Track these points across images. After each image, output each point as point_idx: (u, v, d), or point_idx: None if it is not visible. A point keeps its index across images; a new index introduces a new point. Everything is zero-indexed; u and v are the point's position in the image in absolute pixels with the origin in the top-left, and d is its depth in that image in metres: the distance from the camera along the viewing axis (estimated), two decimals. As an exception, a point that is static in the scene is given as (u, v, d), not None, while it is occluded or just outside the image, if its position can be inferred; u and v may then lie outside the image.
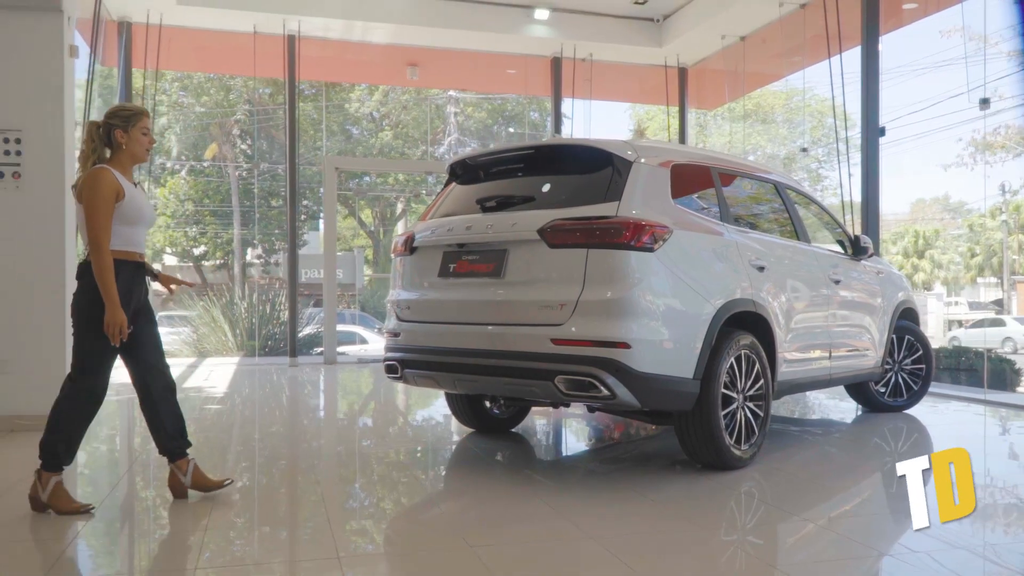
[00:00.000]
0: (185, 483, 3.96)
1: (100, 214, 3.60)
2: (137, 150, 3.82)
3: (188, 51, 11.85)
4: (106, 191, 3.62)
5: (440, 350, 4.57)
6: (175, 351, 14.32)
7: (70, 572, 3.14)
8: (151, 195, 24.64)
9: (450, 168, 5.12)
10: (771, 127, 25.75)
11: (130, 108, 3.87)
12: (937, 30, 23.15)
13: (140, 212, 3.77)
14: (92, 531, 3.57)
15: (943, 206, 35.98)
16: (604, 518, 3.70)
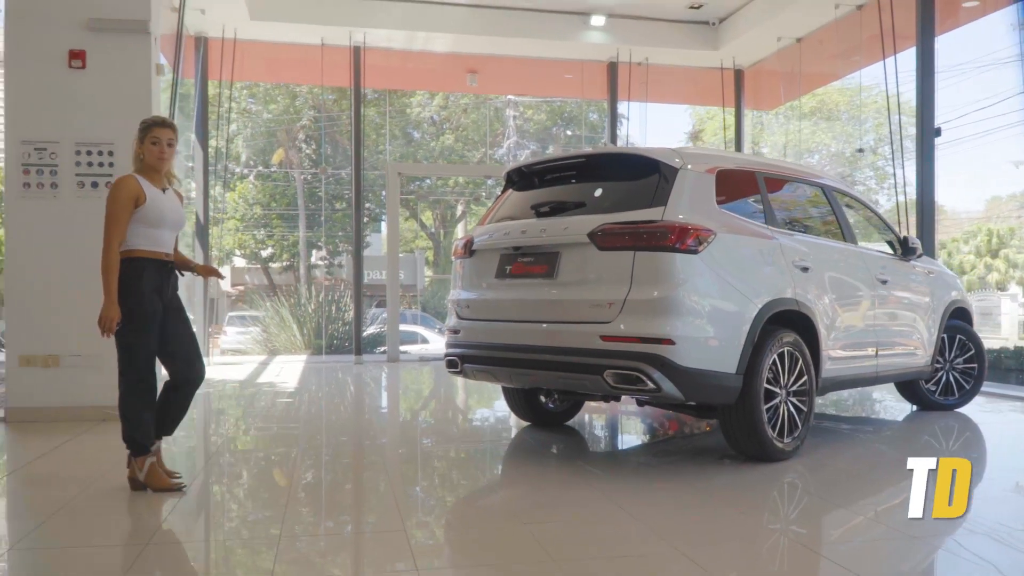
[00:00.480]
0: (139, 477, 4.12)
1: (110, 217, 3.94)
2: (149, 159, 4.10)
3: (260, 63, 12.45)
4: (123, 196, 3.95)
5: (497, 346, 4.90)
6: (247, 349, 14.99)
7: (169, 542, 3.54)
8: (220, 198, 25.66)
9: (507, 175, 5.44)
10: (836, 124, 25.45)
11: (145, 121, 4.19)
12: (1008, 23, 22.62)
13: (162, 216, 4.06)
14: (184, 507, 3.98)
15: (1020, 203, 34.90)
16: (651, 504, 3.97)
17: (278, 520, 3.69)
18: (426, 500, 4.26)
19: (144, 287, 3.99)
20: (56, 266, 6.17)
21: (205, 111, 11.24)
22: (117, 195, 3.97)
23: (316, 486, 4.43)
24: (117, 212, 3.94)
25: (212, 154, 11.87)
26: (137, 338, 3.99)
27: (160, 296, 4.07)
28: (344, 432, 6.11)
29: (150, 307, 4.00)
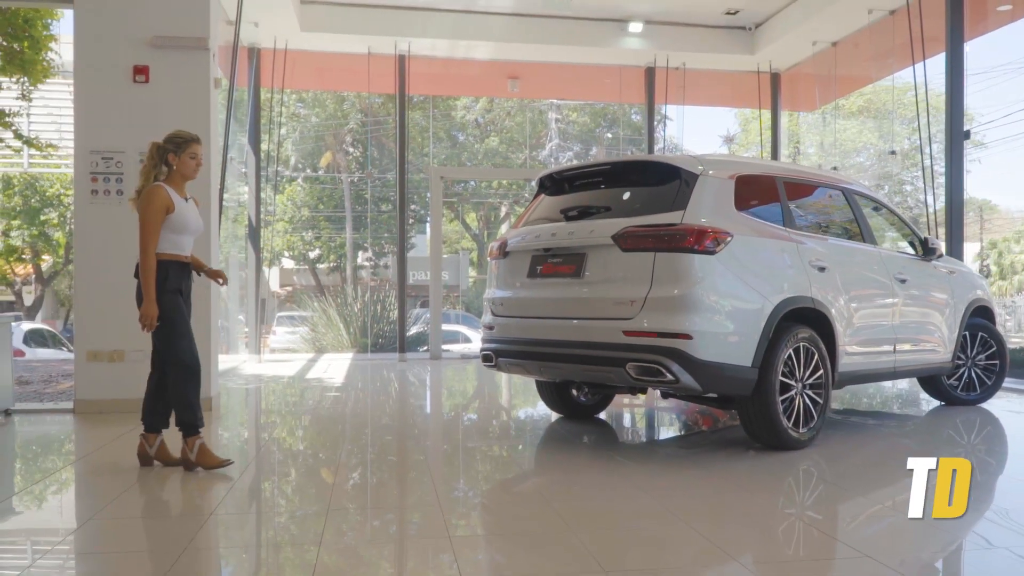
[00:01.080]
0: (150, 453, 4.69)
1: (149, 225, 4.40)
2: (186, 171, 4.59)
3: (309, 71, 12.99)
4: (157, 206, 4.40)
5: (529, 341, 5.24)
6: (295, 348, 15.55)
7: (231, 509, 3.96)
8: (270, 200, 26.39)
9: (539, 181, 5.79)
10: (884, 123, 25.26)
11: (183, 135, 4.58)
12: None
13: (186, 224, 4.54)
14: (237, 489, 4.40)
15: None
16: (670, 487, 4.27)
17: (325, 500, 4.08)
18: (462, 482, 4.62)
19: (169, 287, 4.48)
20: (121, 267, 6.64)
21: (257, 118, 11.80)
22: (151, 204, 4.40)
23: (365, 466, 4.82)
24: (152, 220, 4.39)
25: (263, 158, 12.42)
26: (173, 332, 4.48)
27: (181, 291, 4.56)
28: (388, 419, 6.51)
29: (176, 303, 4.51)
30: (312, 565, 3.02)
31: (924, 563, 3.25)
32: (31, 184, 23.02)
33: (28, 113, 12.28)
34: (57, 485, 4.58)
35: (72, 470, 4.95)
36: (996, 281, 32.28)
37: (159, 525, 3.72)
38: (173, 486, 4.37)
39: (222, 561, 3.30)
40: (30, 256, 25.18)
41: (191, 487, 4.33)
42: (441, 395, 8.75)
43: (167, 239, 4.48)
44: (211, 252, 6.78)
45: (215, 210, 6.95)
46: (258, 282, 11.51)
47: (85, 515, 3.86)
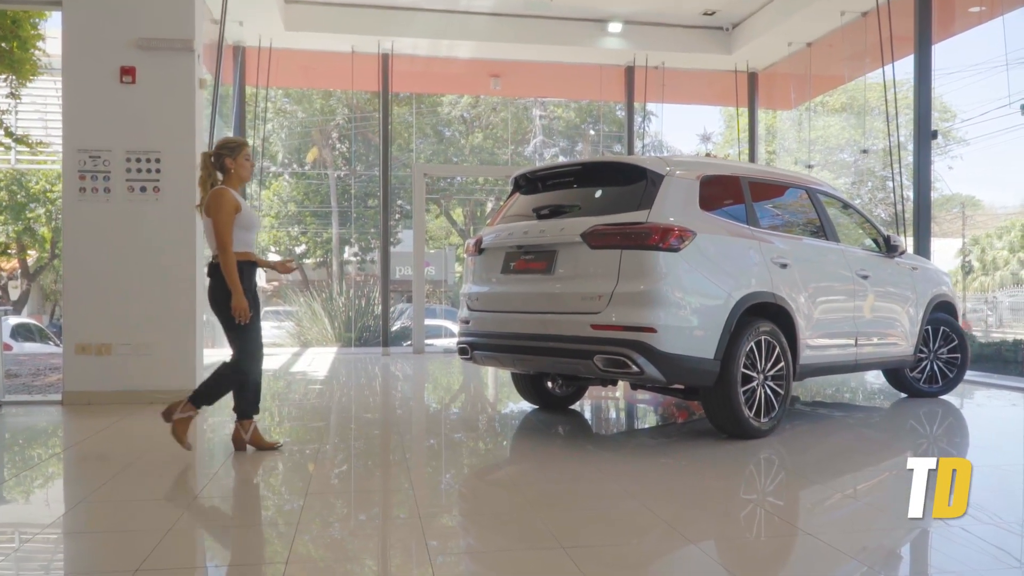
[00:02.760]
0: (245, 439, 4.96)
1: (225, 225, 4.67)
2: (243, 173, 4.90)
3: (294, 69, 13.15)
4: (228, 207, 4.68)
5: (503, 334, 5.46)
6: (280, 341, 15.70)
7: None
8: (256, 196, 26.44)
9: (514, 180, 6.00)
10: (864, 120, 25.57)
11: (235, 140, 4.93)
12: (1037, 19, 22.57)
13: (252, 220, 4.86)
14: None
15: (1062, 202, 34.50)
16: (632, 472, 4.50)
17: (304, 486, 4.28)
18: (436, 472, 4.83)
19: (244, 287, 4.72)
20: (109, 263, 6.84)
21: (243, 115, 11.95)
22: (223, 205, 4.67)
23: (342, 455, 5.02)
24: (227, 220, 4.66)
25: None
26: (248, 338, 4.78)
27: (250, 288, 4.81)
28: (368, 412, 6.70)
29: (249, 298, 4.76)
30: (289, 546, 3.23)
31: (888, 550, 3.34)
32: (17, 180, 23.05)
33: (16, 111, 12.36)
34: (44, 475, 4.77)
35: (60, 458, 5.13)
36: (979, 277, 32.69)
37: (145, 509, 3.92)
38: (160, 475, 4.56)
39: (204, 543, 3.51)
40: (16, 251, 25.20)
41: (175, 474, 4.53)
42: (421, 388, 8.95)
43: (238, 238, 4.73)
44: (196, 250, 6.96)
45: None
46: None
47: (76, 498, 4.05)
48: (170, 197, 6.87)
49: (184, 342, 6.90)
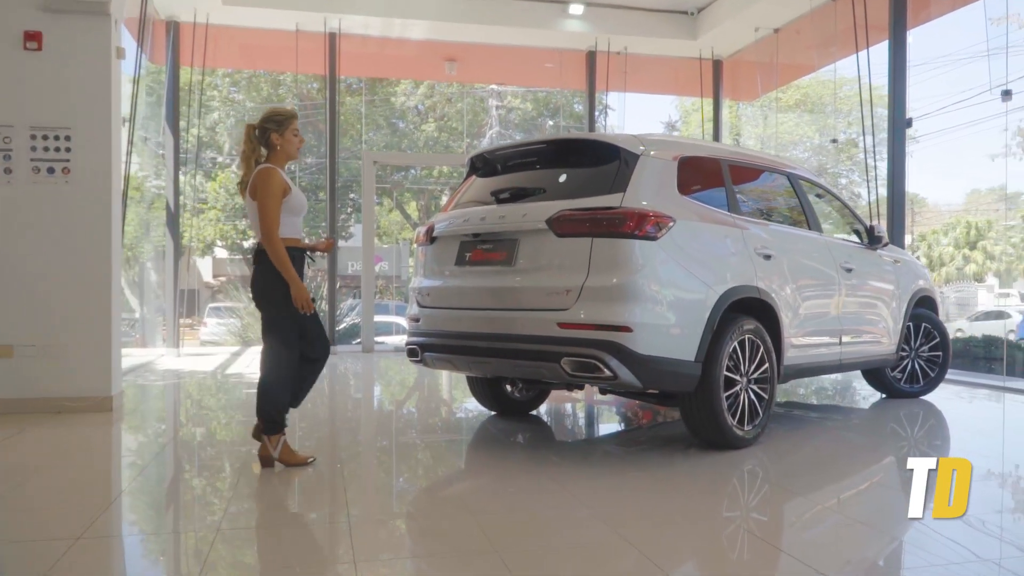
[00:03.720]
0: (274, 456, 4.32)
1: (272, 208, 4.14)
2: (290, 149, 4.33)
3: (233, 49, 12.31)
4: (276, 188, 4.15)
5: (457, 334, 4.84)
6: (223, 340, 14.87)
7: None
8: (201, 188, 25.43)
9: (470, 161, 5.38)
10: (819, 117, 25.50)
11: (282, 112, 4.34)
12: (989, 17, 22.72)
13: (301, 203, 4.33)
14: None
15: (999, 196, 35.23)
16: (603, 490, 3.93)
17: (222, 507, 3.62)
18: (378, 491, 4.21)
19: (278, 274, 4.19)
20: (10, 253, 6.03)
21: (176, 97, 11.09)
22: (271, 188, 4.15)
23: (267, 471, 4.36)
24: (275, 204, 4.15)
25: (195, 143, 11.75)
26: (282, 319, 4.23)
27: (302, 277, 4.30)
28: (306, 419, 6.04)
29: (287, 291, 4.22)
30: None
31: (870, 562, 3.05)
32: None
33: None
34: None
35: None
36: (927, 272, 33.01)
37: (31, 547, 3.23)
38: (57, 497, 3.86)
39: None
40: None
41: (71, 483, 3.84)
42: (367, 391, 8.29)
43: (286, 223, 4.24)
44: (112, 238, 6.21)
45: (116, 192, 6.36)
46: (176, 271, 10.84)
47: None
48: (82, 179, 6.08)
49: (98, 343, 6.12)
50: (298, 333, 4.29)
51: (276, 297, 4.21)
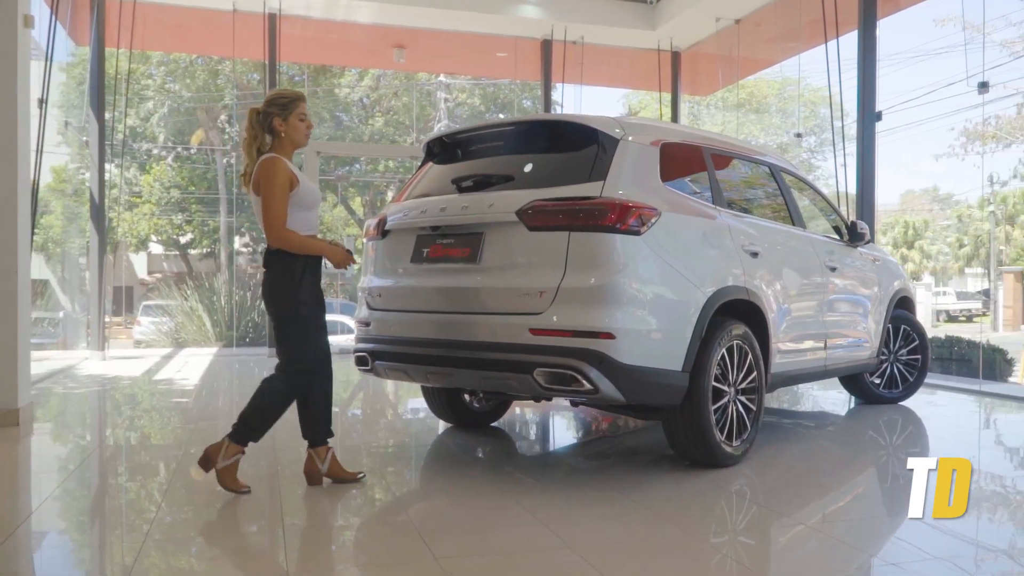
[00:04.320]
0: (321, 470, 3.95)
1: (277, 202, 3.68)
2: (296, 136, 3.84)
3: (165, 30, 11.46)
4: (281, 180, 3.68)
5: (412, 341, 4.28)
6: (154, 342, 14.01)
7: None
8: (135, 181, 24.31)
9: (426, 146, 4.82)
10: (764, 116, 25.56)
11: (287, 95, 3.87)
12: (931, 18, 22.93)
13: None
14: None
15: (932, 197, 36.13)
16: (583, 522, 3.44)
17: (140, 529, 3.02)
18: (315, 518, 3.64)
19: (306, 279, 3.80)
20: None
21: (101, 80, 10.24)
22: (276, 179, 3.69)
23: (186, 493, 3.76)
24: (280, 197, 3.70)
25: (127, 133, 10.91)
26: (307, 334, 3.80)
27: (315, 282, 3.86)
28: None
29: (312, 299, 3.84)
30: None
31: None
32: None
33: None
34: None
35: None
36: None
37: None
38: None
39: None
40: None
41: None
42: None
43: (296, 217, 3.76)
44: (18, 229, 5.49)
45: (24, 179, 5.63)
46: (102, 268, 10.00)
47: None
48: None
49: (1, 348, 5.41)
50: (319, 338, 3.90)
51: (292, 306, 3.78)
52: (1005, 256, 30.52)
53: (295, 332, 3.79)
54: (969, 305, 30.46)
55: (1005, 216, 29.92)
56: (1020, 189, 28.29)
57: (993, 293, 29.37)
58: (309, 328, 3.80)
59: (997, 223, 30.45)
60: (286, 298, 3.77)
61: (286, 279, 3.76)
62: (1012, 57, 17.00)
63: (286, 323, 3.79)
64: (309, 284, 3.81)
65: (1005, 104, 17.69)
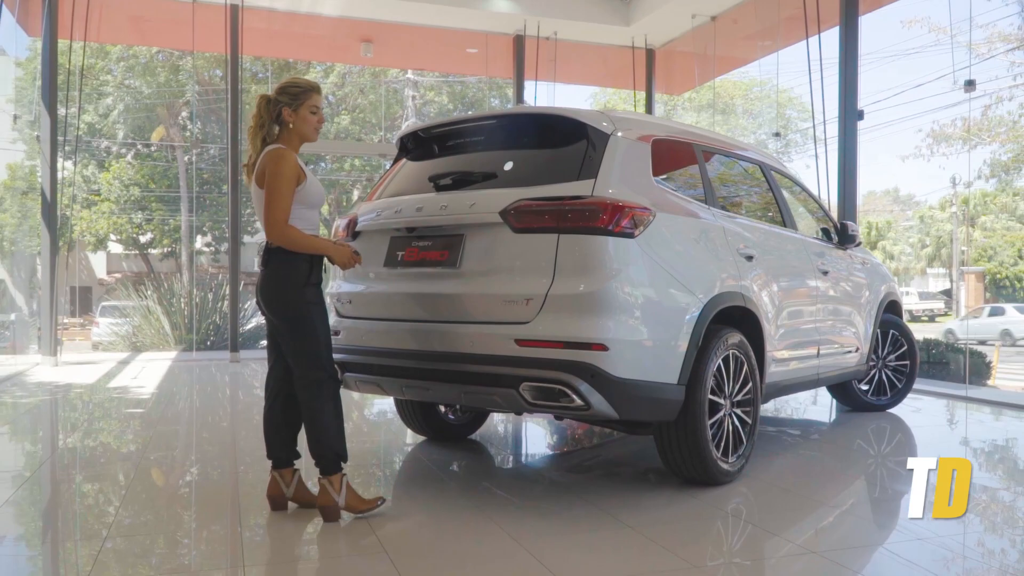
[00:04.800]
0: (287, 494, 3.63)
1: (283, 194, 3.39)
2: (305, 130, 3.55)
3: (122, 21, 11.00)
4: (289, 174, 3.40)
5: (386, 351, 3.95)
6: (110, 344, 13.49)
7: None
8: (93, 180, 23.64)
9: (400, 142, 4.50)
10: (731, 118, 25.61)
11: (300, 84, 3.57)
12: (898, 20, 23.08)
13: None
14: None
15: (893, 198, 36.61)
16: (573, 552, 3.15)
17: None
18: (282, 537, 3.31)
19: (312, 279, 3.50)
20: None
21: (53, 73, 9.74)
22: (284, 171, 3.39)
23: (134, 516, 3.41)
24: (287, 189, 3.40)
25: (87, 132, 10.41)
26: (317, 338, 3.46)
27: (317, 283, 3.54)
28: (184, 447, 5.06)
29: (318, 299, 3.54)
30: None
31: None
32: None
33: None
34: None
35: None
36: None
37: None
38: None
39: None
40: None
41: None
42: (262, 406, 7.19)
43: (298, 215, 3.47)
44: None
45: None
46: (53, 268, 9.51)
47: None
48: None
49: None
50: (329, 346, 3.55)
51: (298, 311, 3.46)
52: (967, 257, 30.92)
53: (308, 335, 3.46)
54: (932, 305, 30.77)
55: (967, 217, 30.31)
56: (980, 191, 28.71)
57: (955, 293, 29.73)
58: (320, 331, 3.48)
59: (960, 224, 30.84)
60: (294, 299, 3.45)
61: (293, 278, 3.45)
62: (979, 60, 17.08)
63: (298, 326, 3.46)
64: (316, 284, 3.51)
65: (975, 105, 17.79)
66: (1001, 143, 19.52)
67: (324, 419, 3.47)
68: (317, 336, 3.47)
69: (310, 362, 3.46)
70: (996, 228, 27.98)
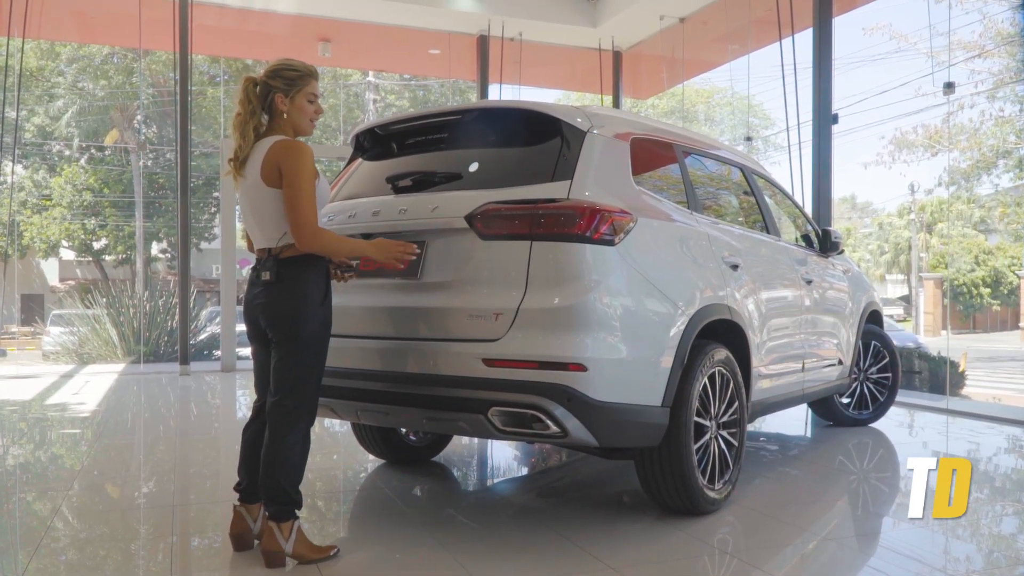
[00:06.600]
0: (253, 530, 3.22)
1: (309, 196, 2.96)
2: (301, 120, 3.12)
3: (65, 17, 10.44)
4: (310, 168, 3.00)
5: (340, 371, 3.55)
6: (59, 355, 12.88)
7: None
8: (44, 185, 22.86)
9: (354, 139, 4.12)
10: (693, 124, 25.56)
11: (296, 67, 3.12)
12: (860, 27, 23.20)
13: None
14: None
15: (851, 205, 37.09)
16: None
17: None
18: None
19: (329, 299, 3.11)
20: None
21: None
22: (305, 169, 2.98)
23: (54, 551, 2.99)
24: (310, 190, 2.98)
25: (38, 135, 9.86)
26: (311, 360, 3.05)
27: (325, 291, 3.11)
28: (116, 473, 4.62)
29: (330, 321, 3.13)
30: None
31: None
32: None
33: None
34: None
35: None
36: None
37: None
38: None
39: None
40: None
41: None
42: (218, 427, 6.73)
43: None
44: None
45: None
46: (1, 276, 8.95)
47: None
48: None
49: None
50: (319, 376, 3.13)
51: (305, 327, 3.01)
52: (925, 263, 31.27)
53: (307, 361, 3.05)
54: (891, 311, 31.11)
55: (924, 224, 30.68)
56: (938, 198, 29.07)
57: (914, 299, 30.04)
58: (320, 360, 3.09)
59: (918, 231, 31.22)
60: (312, 318, 3.02)
61: (312, 295, 3.03)
62: (938, 68, 17.18)
63: (305, 348, 3.03)
64: (330, 302, 3.12)
65: (935, 113, 17.92)
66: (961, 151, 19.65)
67: (291, 456, 3.04)
68: (315, 366, 3.07)
69: (296, 388, 3.04)
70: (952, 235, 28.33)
